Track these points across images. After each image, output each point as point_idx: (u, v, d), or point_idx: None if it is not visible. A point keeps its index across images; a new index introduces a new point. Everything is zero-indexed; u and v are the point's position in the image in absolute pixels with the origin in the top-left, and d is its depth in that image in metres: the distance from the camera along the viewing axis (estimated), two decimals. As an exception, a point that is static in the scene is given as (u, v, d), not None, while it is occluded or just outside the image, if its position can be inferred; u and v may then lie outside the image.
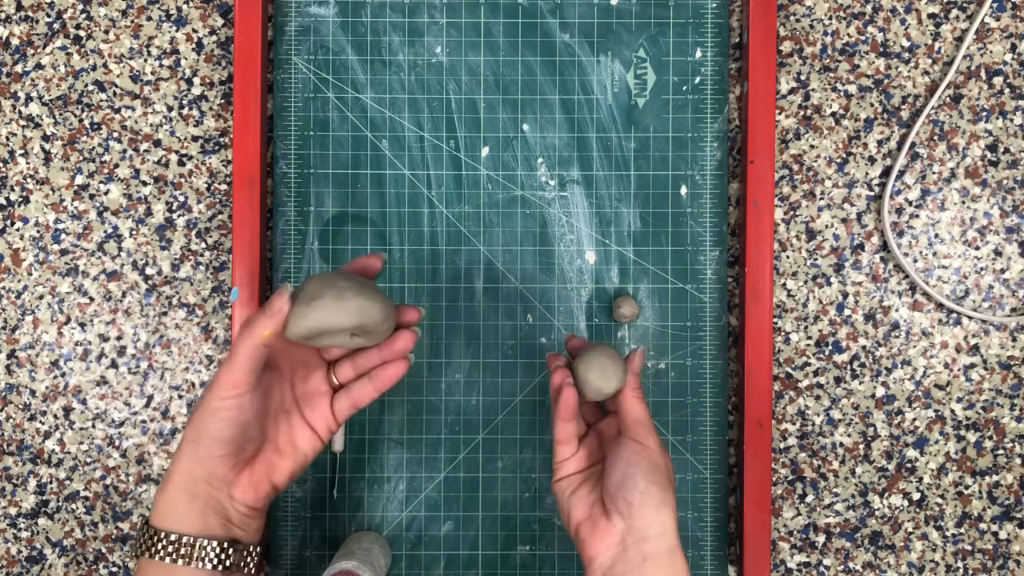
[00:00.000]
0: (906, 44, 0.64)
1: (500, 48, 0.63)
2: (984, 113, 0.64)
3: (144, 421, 0.64)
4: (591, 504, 0.50)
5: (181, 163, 0.64)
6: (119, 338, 0.64)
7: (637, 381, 0.52)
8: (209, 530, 0.47)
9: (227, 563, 0.47)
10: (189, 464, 0.47)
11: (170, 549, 0.46)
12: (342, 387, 0.52)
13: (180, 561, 0.46)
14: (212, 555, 0.46)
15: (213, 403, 0.46)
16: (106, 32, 0.64)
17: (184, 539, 0.46)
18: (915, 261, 0.64)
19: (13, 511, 0.64)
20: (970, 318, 0.64)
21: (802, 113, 0.64)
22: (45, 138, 0.64)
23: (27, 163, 0.64)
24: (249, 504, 0.48)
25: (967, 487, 0.64)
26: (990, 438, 0.64)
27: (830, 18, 0.64)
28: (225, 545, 0.47)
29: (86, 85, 0.64)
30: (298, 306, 0.46)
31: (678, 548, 0.48)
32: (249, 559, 0.48)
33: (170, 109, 0.64)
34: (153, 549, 0.46)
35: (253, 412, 0.47)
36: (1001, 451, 0.64)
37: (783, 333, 0.64)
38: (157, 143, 0.64)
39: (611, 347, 0.53)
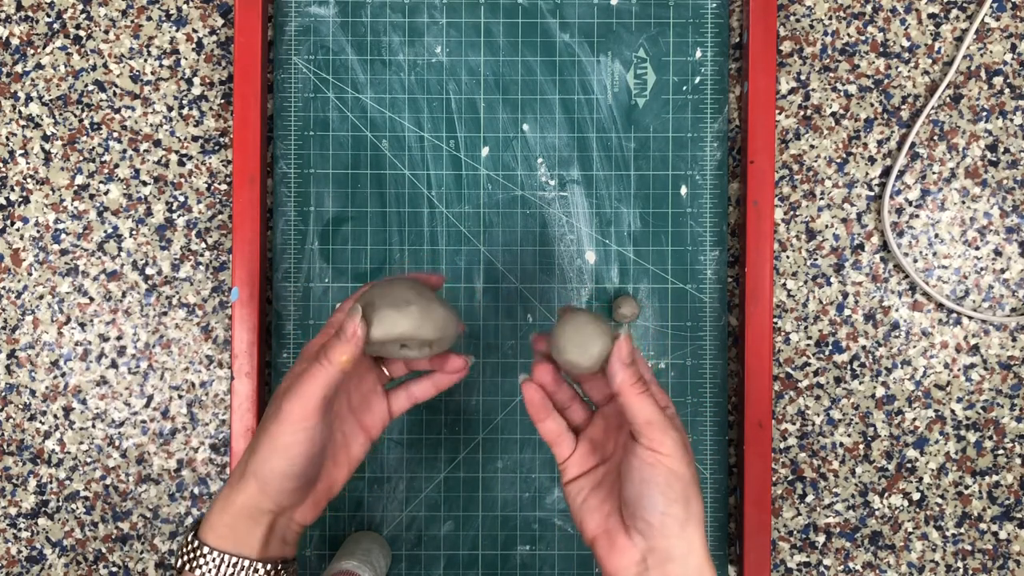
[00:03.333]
0: (906, 44, 0.64)
1: (500, 48, 0.63)
2: (984, 113, 0.64)
3: (144, 421, 0.64)
4: (606, 515, 0.46)
5: (181, 163, 0.64)
6: (119, 338, 0.64)
7: (634, 374, 0.44)
8: (268, 553, 0.46)
9: None
10: (257, 497, 0.45)
11: (229, 572, 0.44)
12: (392, 380, 0.51)
13: None
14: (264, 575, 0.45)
15: (285, 439, 0.44)
16: (106, 32, 0.64)
17: (243, 562, 0.45)
18: (915, 261, 0.64)
19: (13, 511, 0.64)
20: (970, 318, 0.64)
21: (802, 113, 0.64)
22: (45, 138, 0.64)
23: (27, 163, 0.64)
24: (307, 523, 0.47)
25: (967, 487, 0.64)
26: (990, 438, 0.64)
27: (830, 18, 0.64)
28: (280, 567, 0.46)
29: (86, 85, 0.64)
30: (380, 315, 0.45)
31: (706, 565, 0.43)
32: (293, 573, 0.47)
33: (170, 109, 0.64)
34: (206, 567, 0.44)
35: (322, 440, 0.45)
36: (1001, 451, 0.64)
37: (783, 333, 0.64)
38: (157, 143, 0.64)
39: (589, 312, 0.46)
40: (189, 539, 0.46)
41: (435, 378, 0.51)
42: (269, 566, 0.45)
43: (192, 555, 0.45)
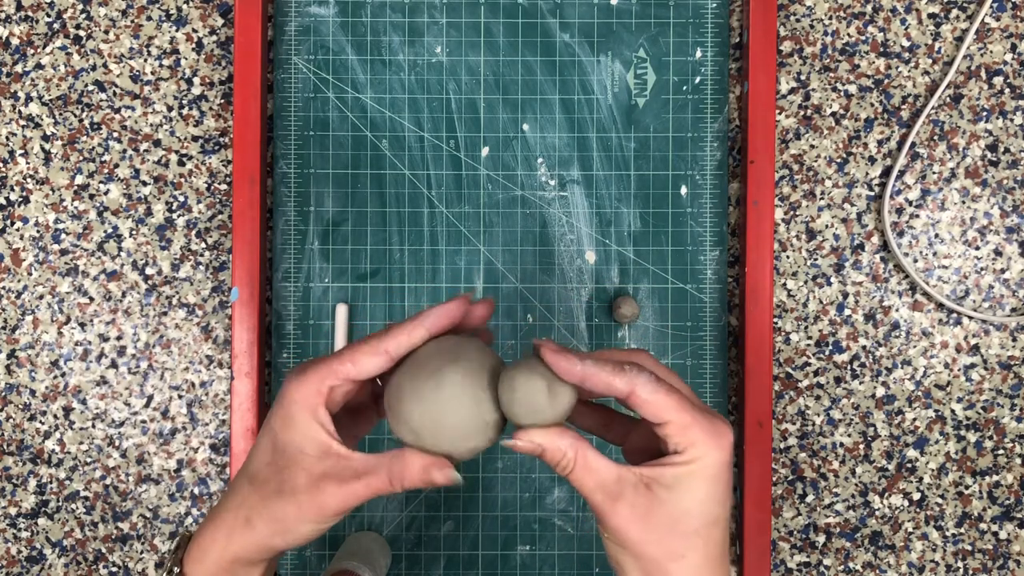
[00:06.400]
0: (906, 44, 0.64)
1: (500, 48, 0.63)
2: (984, 113, 0.64)
3: (144, 421, 0.64)
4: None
5: (181, 163, 0.64)
6: (119, 338, 0.64)
7: (629, 384, 0.36)
8: None
9: None
10: (262, 551, 0.40)
11: None
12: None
13: None
14: None
15: (323, 526, 0.38)
16: (106, 32, 0.64)
17: None
18: (915, 261, 0.64)
19: (13, 511, 0.64)
20: (970, 318, 0.64)
21: (802, 113, 0.64)
22: (45, 138, 0.64)
23: (27, 163, 0.64)
24: (307, 541, 0.43)
25: (967, 487, 0.64)
26: (990, 438, 0.64)
27: (830, 18, 0.64)
28: None
29: (86, 85, 0.64)
30: (437, 436, 0.36)
31: None
32: None
33: (170, 109, 0.64)
34: None
35: None
36: (1001, 451, 0.64)
37: (783, 333, 0.64)
38: (157, 143, 0.64)
39: (524, 363, 0.36)
40: (175, 573, 0.42)
41: None
42: None
43: None
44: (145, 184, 0.64)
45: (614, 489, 0.36)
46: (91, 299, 0.64)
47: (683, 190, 0.63)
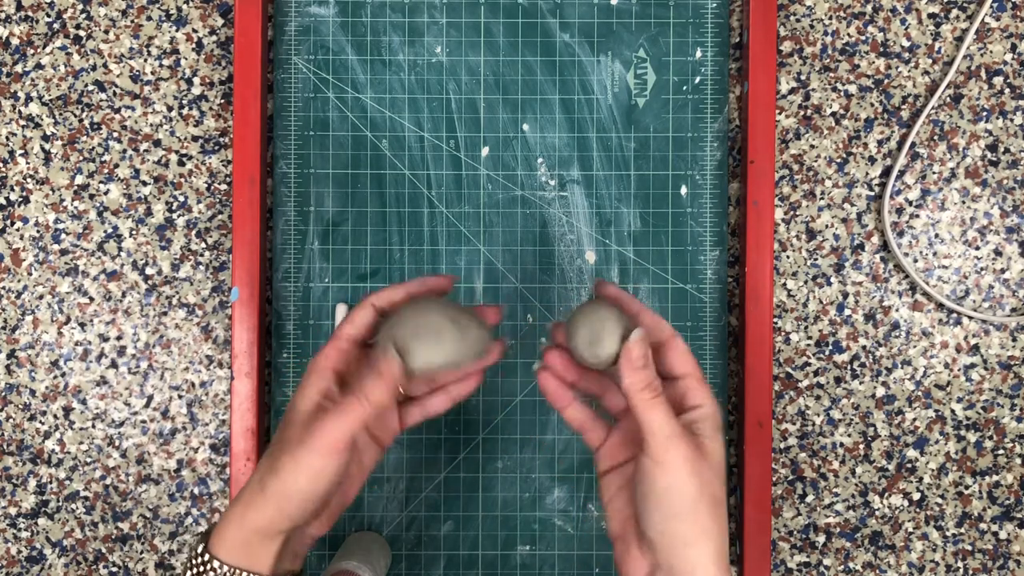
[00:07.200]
0: (906, 44, 0.64)
1: (500, 48, 0.63)
2: (984, 113, 0.64)
3: (144, 421, 0.64)
4: (625, 519, 0.44)
5: (181, 163, 0.64)
6: (119, 338, 0.64)
7: (644, 379, 0.41)
8: (279, 569, 0.45)
9: None
10: (275, 516, 0.43)
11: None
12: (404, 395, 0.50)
13: None
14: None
15: (313, 467, 0.42)
16: (106, 32, 0.64)
17: None
18: (915, 261, 0.64)
19: (13, 511, 0.64)
20: (970, 318, 0.64)
21: (802, 113, 0.64)
22: (45, 138, 0.64)
23: (27, 163, 0.64)
24: (319, 535, 0.47)
25: (967, 487, 0.64)
26: (990, 438, 0.64)
27: (830, 18, 0.64)
28: None
29: (86, 85, 0.64)
30: (416, 348, 0.43)
31: None
32: None
33: (170, 109, 0.64)
34: None
35: (346, 464, 0.44)
36: (1001, 451, 0.64)
37: (783, 333, 0.64)
38: (157, 143, 0.64)
39: (607, 304, 0.44)
40: (199, 551, 0.44)
41: (451, 391, 0.49)
42: None
43: (201, 569, 0.44)
44: (145, 184, 0.64)
45: (672, 432, 0.41)
46: (91, 299, 0.64)
47: (683, 190, 0.63)
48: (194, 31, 0.64)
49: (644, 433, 0.41)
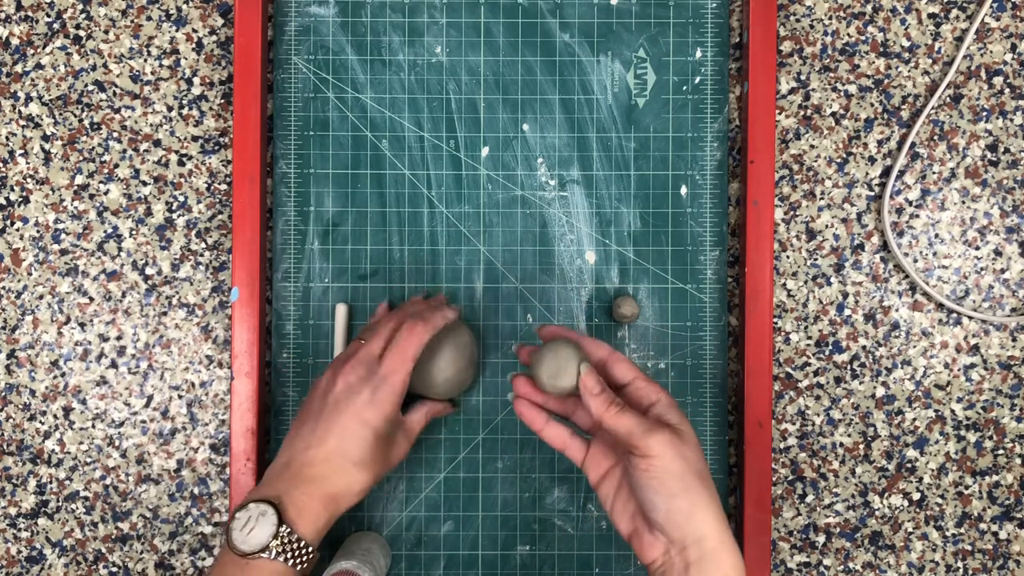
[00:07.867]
0: (906, 44, 0.64)
1: (500, 48, 0.63)
2: (984, 113, 0.64)
3: (144, 421, 0.64)
4: (631, 515, 0.50)
5: (181, 163, 0.64)
6: (119, 338, 0.64)
7: (605, 400, 0.48)
8: (319, 538, 0.52)
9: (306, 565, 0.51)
10: (345, 489, 0.52)
11: (305, 559, 0.50)
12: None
13: (295, 563, 0.50)
14: (308, 559, 0.50)
15: (397, 377, 0.53)
16: (106, 32, 0.64)
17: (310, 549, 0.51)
18: (915, 261, 0.64)
19: (13, 511, 0.64)
20: (970, 318, 0.64)
21: (802, 113, 0.64)
22: (45, 138, 0.64)
23: (27, 163, 0.64)
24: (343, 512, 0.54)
25: (967, 487, 0.64)
26: (990, 438, 0.64)
27: (830, 18, 0.64)
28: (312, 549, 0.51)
29: (86, 85, 0.64)
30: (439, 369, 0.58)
31: (723, 546, 0.46)
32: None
33: (170, 109, 0.64)
34: (302, 559, 0.50)
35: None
36: (1001, 451, 0.64)
37: (783, 333, 0.64)
38: (157, 143, 0.64)
39: (564, 342, 0.51)
40: (292, 538, 0.49)
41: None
42: (314, 548, 0.51)
43: (294, 549, 0.50)
44: (145, 184, 0.64)
45: (643, 428, 0.47)
46: (91, 299, 0.64)
47: (683, 190, 0.63)
48: (194, 31, 0.64)
49: (623, 439, 0.47)
